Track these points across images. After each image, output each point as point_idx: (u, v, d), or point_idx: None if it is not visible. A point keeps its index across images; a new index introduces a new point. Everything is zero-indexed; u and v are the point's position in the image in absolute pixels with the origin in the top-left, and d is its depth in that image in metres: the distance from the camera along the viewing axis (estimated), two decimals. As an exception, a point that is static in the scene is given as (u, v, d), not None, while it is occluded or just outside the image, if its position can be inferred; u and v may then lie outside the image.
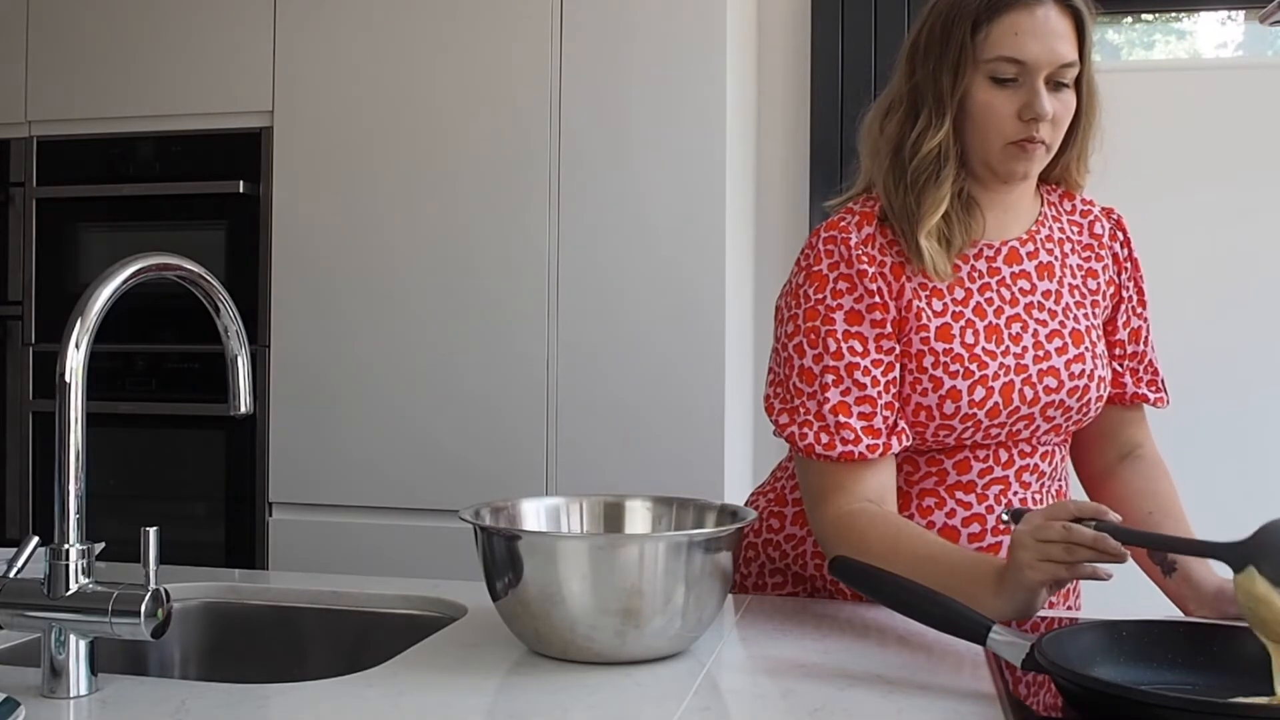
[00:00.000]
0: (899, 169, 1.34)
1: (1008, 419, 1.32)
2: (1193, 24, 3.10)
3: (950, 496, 1.35)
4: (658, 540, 1.10)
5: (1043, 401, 1.33)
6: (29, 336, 2.89)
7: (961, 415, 1.30)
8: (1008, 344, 1.33)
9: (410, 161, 2.64)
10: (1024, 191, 1.40)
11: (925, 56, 1.33)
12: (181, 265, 1.07)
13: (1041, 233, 1.40)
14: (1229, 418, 2.76)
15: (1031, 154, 1.31)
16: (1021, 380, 1.32)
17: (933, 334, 1.31)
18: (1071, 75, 1.31)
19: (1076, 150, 1.41)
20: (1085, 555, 1.07)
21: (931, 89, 1.33)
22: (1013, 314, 1.34)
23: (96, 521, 1.09)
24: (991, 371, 1.31)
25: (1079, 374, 1.35)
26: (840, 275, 1.32)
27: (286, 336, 2.72)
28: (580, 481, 2.54)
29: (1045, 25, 1.28)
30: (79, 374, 0.98)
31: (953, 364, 1.30)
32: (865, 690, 1.02)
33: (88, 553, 0.98)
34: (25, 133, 2.90)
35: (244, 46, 2.74)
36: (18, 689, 0.98)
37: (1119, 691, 0.89)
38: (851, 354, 1.30)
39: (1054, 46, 1.28)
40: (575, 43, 2.57)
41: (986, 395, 1.30)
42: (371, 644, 1.32)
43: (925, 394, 1.30)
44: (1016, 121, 1.30)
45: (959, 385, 1.30)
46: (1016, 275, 1.36)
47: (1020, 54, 1.28)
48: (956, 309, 1.33)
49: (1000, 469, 1.35)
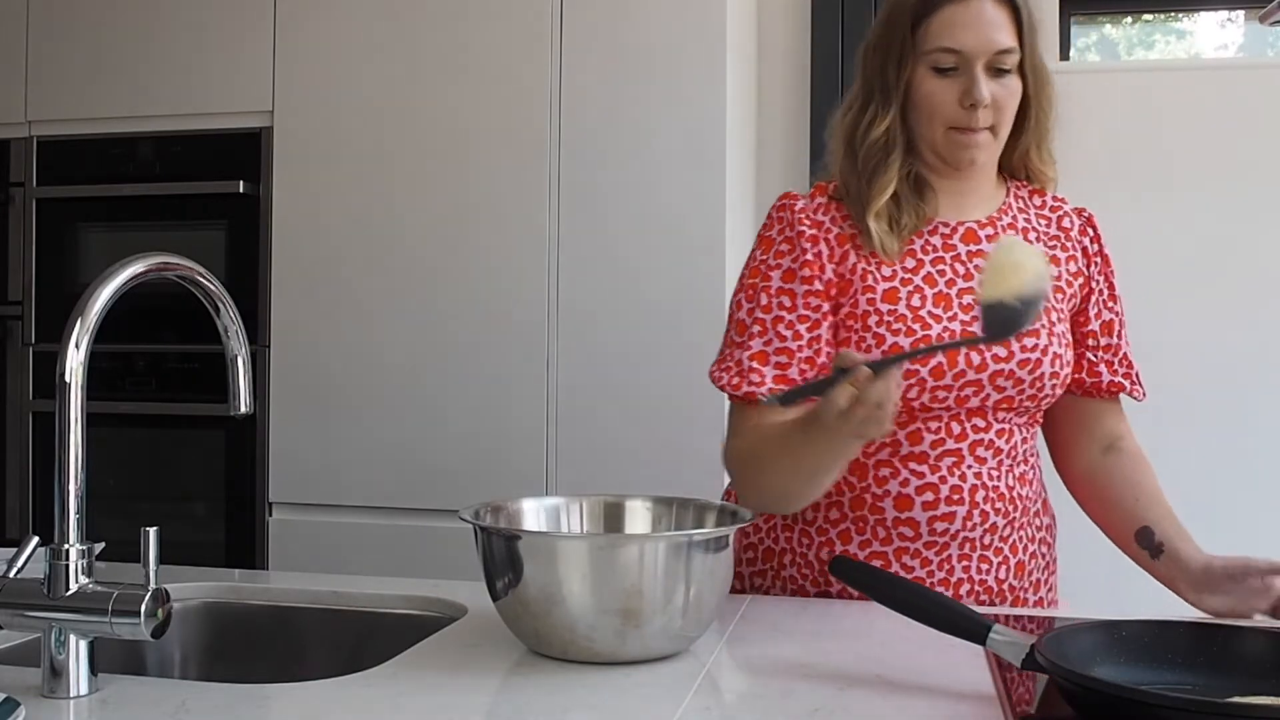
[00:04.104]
0: (851, 156, 1.44)
1: (953, 382, 1.36)
2: (1193, 24, 3.10)
3: (904, 466, 1.38)
4: (658, 540, 1.10)
5: (991, 369, 1.36)
6: (29, 336, 2.89)
7: (904, 371, 1.34)
8: (956, 311, 1.38)
9: (410, 161, 2.64)
10: (983, 179, 1.46)
11: (874, 52, 1.43)
12: (181, 265, 1.07)
13: (1003, 220, 1.46)
14: (1229, 417, 2.76)
15: (975, 140, 1.39)
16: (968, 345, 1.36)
17: (879, 296, 1.37)
18: (1012, 61, 1.38)
19: (1033, 138, 1.47)
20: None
21: (879, 81, 1.42)
22: (965, 287, 1.40)
23: (96, 521, 1.09)
24: (935, 333, 1.36)
25: (1031, 347, 1.38)
26: (784, 239, 1.42)
27: (286, 336, 2.72)
28: (580, 481, 2.54)
29: (981, 15, 1.36)
30: (79, 374, 0.98)
31: (895, 323, 1.36)
32: (865, 690, 1.02)
33: (88, 553, 0.98)
34: (25, 133, 2.90)
35: (244, 46, 2.74)
36: (18, 689, 0.98)
37: (1119, 691, 0.89)
38: (779, 309, 1.39)
39: (990, 35, 1.35)
40: (575, 43, 2.57)
41: (929, 354, 1.34)
42: (371, 644, 1.32)
43: (869, 351, 1.36)
44: (958, 108, 1.37)
45: (901, 342, 1.35)
46: (973, 254, 1.42)
47: (957, 44, 1.36)
48: (906, 275, 1.39)
49: (953, 441, 1.38)
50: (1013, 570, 1.43)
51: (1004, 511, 1.40)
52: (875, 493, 1.39)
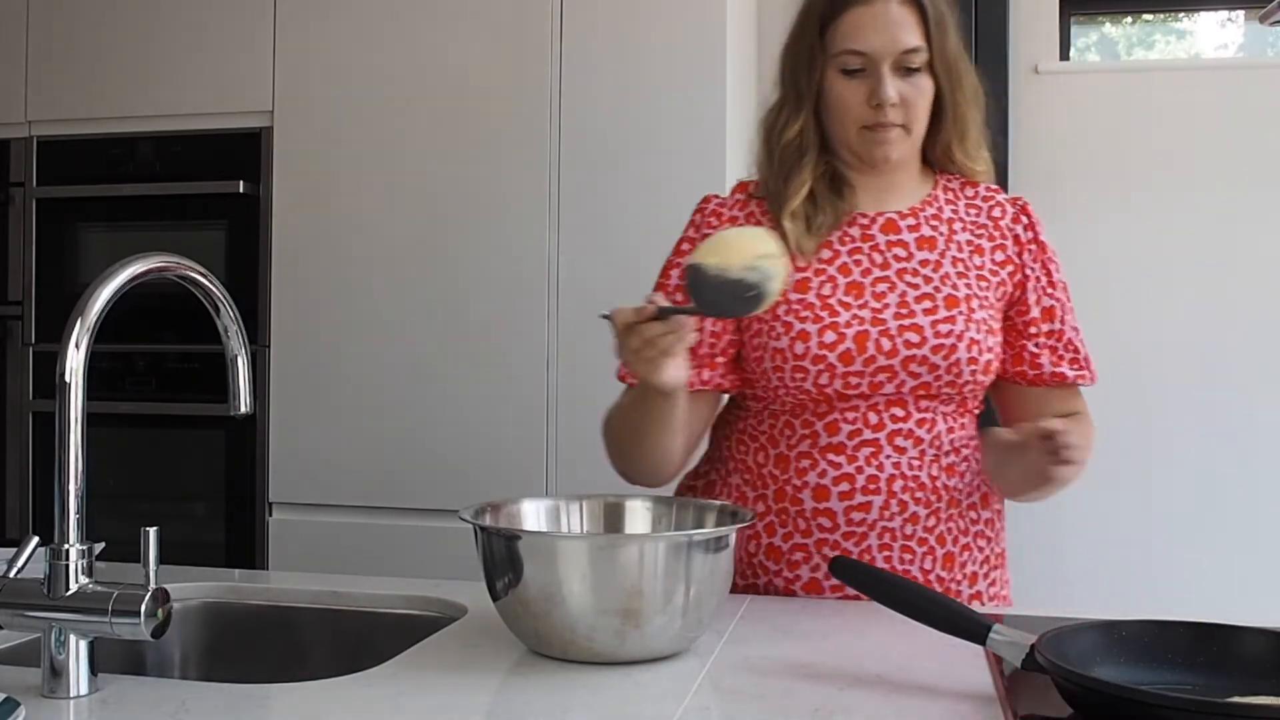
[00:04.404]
0: (769, 156, 1.49)
1: (864, 367, 1.39)
2: (1193, 24, 3.10)
3: (822, 458, 1.41)
4: (658, 540, 1.10)
5: (902, 354, 1.39)
6: (29, 336, 2.89)
7: (812, 357, 1.38)
8: (868, 299, 1.41)
9: (410, 161, 2.64)
10: (904, 173, 1.49)
11: (788, 54, 1.48)
12: (181, 265, 1.07)
13: (928, 210, 1.48)
14: (1230, 417, 2.76)
15: (887, 137, 1.41)
16: (878, 331, 1.39)
17: (790, 286, 1.41)
18: (919, 60, 1.40)
19: (953, 133, 1.48)
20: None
21: (793, 83, 1.47)
22: (880, 275, 1.43)
23: (96, 521, 1.08)
24: (844, 320, 1.39)
25: (945, 334, 1.40)
26: (700, 234, 1.48)
27: (286, 336, 2.72)
28: (580, 481, 2.53)
29: (885, 17, 1.39)
30: (79, 374, 0.98)
31: (803, 310, 1.40)
32: (865, 690, 1.02)
33: (88, 553, 0.98)
34: (25, 133, 2.90)
35: (244, 46, 2.74)
36: (18, 689, 0.97)
37: (1119, 691, 0.89)
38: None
39: (894, 36, 1.39)
40: (575, 43, 2.57)
41: (838, 340, 1.38)
42: (371, 644, 1.32)
43: (778, 338, 1.40)
44: (867, 108, 1.41)
45: (808, 329, 1.39)
46: (892, 244, 1.45)
47: (862, 46, 1.39)
48: (820, 266, 1.43)
49: (870, 431, 1.40)
50: (940, 561, 1.43)
51: (925, 501, 1.40)
52: (795, 484, 1.41)
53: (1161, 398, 2.78)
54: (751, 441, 1.47)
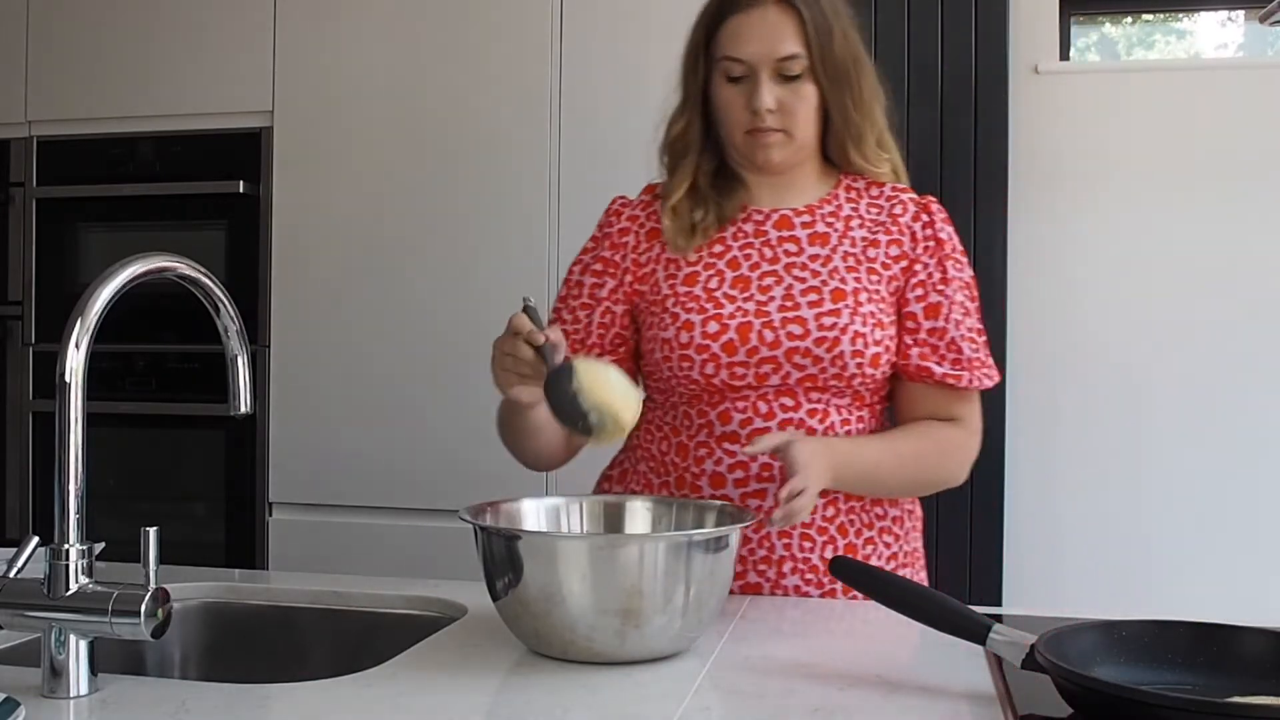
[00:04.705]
0: (659, 155, 1.57)
1: (748, 358, 1.42)
2: (1193, 24, 3.10)
3: (718, 446, 1.44)
4: (657, 540, 1.10)
5: (785, 346, 1.42)
6: (29, 336, 2.89)
7: (696, 346, 1.43)
8: (753, 292, 1.45)
9: (410, 161, 2.64)
10: (800, 173, 1.52)
11: (682, 61, 1.53)
12: (181, 265, 1.07)
13: (825, 208, 1.51)
14: (1229, 416, 2.76)
15: (765, 141, 1.45)
16: (761, 323, 1.42)
17: (679, 280, 1.47)
18: (799, 67, 1.43)
19: (846, 135, 1.49)
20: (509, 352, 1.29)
21: (683, 87, 1.53)
22: (769, 270, 1.46)
23: (96, 521, 1.08)
24: (728, 311, 1.44)
25: (830, 326, 1.42)
26: (596, 237, 1.57)
27: (286, 336, 2.71)
28: (580, 482, 2.53)
29: (762, 25, 1.42)
30: (79, 374, 0.98)
31: (690, 302, 1.45)
32: (865, 690, 1.02)
33: (88, 553, 0.98)
34: (25, 133, 2.90)
35: (244, 46, 2.74)
36: (18, 689, 0.97)
37: (1119, 691, 0.89)
38: (570, 296, 1.54)
39: (771, 44, 1.42)
40: (575, 43, 2.57)
41: (720, 330, 1.43)
42: (371, 644, 1.32)
43: (666, 328, 1.45)
44: (748, 113, 1.44)
45: (693, 319, 1.44)
46: (784, 239, 1.49)
47: (740, 53, 1.43)
48: (710, 260, 1.48)
49: (761, 420, 1.43)
50: (841, 552, 1.44)
51: (821, 491, 1.40)
52: (694, 472, 1.44)
53: (1161, 397, 2.78)
54: (656, 431, 1.51)
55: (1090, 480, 2.79)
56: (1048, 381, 2.82)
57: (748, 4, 1.43)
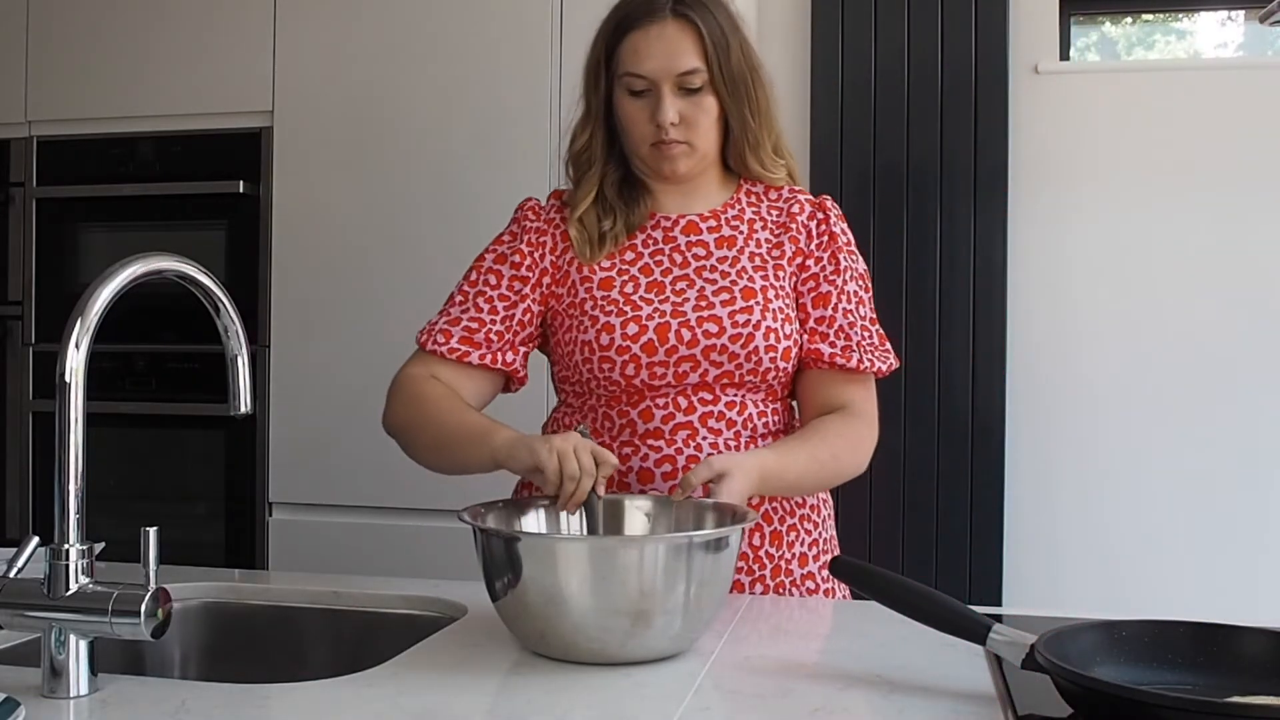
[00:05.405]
0: (565, 165, 1.61)
1: (667, 357, 1.46)
2: (1193, 24, 3.10)
3: (643, 443, 1.47)
4: (658, 542, 1.10)
5: (702, 344, 1.46)
6: (29, 336, 2.89)
7: (617, 348, 1.46)
8: (669, 295, 1.49)
9: (410, 161, 2.64)
10: (705, 180, 1.57)
11: (584, 74, 1.57)
12: (181, 265, 1.07)
13: (729, 213, 1.56)
14: (1229, 416, 2.76)
15: (669, 153, 1.49)
16: (679, 323, 1.46)
17: (595, 284, 1.50)
18: (699, 80, 1.46)
19: (744, 144, 1.53)
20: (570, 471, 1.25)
21: (585, 100, 1.57)
22: (681, 274, 1.51)
23: (96, 521, 1.09)
24: (646, 314, 1.47)
25: (743, 323, 1.46)
26: (510, 231, 1.60)
27: (286, 336, 2.71)
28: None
29: (661, 41, 1.46)
30: (79, 374, 0.98)
31: (608, 305, 1.48)
32: (865, 690, 1.02)
33: (88, 553, 0.99)
34: (25, 133, 2.90)
35: (244, 46, 2.74)
36: (18, 689, 0.98)
37: (1119, 691, 0.89)
38: (484, 284, 1.56)
39: (672, 59, 1.45)
40: (575, 43, 2.57)
41: (640, 332, 1.46)
42: (371, 644, 1.32)
43: (586, 331, 1.48)
44: (652, 127, 1.48)
45: (613, 321, 1.47)
46: (692, 244, 1.53)
47: (642, 69, 1.47)
48: (624, 266, 1.52)
49: (682, 415, 1.47)
50: (768, 538, 1.49)
51: None
52: (621, 469, 1.45)
53: (1161, 397, 2.78)
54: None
55: (1090, 480, 2.79)
56: (1047, 382, 2.82)
57: (647, 20, 1.46)
